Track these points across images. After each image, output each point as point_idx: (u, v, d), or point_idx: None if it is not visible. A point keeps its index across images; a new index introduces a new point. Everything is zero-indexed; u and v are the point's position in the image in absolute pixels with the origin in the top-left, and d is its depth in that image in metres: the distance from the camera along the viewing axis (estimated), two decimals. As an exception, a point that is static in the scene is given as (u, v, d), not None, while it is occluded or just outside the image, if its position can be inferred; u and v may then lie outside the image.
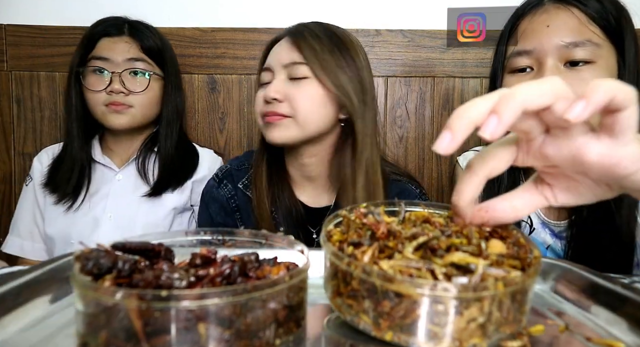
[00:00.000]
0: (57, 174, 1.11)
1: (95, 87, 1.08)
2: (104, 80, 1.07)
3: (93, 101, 1.09)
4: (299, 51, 0.90)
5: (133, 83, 1.09)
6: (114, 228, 1.09)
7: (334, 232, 0.41)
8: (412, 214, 0.44)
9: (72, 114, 1.11)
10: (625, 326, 0.39)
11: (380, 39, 1.32)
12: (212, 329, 0.31)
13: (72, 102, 1.11)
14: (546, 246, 0.92)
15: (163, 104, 1.15)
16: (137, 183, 1.13)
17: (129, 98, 1.09)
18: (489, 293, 0.32)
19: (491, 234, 0.39)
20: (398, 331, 0.33)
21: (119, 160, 1.16)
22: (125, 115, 1.09)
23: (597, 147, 0.35)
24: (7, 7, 1.33)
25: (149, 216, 1.12)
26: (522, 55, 0.85)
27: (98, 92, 1.08)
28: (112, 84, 1.07)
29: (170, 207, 1.13)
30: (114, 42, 1.09)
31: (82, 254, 0.35)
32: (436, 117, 1.34)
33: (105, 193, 1.12)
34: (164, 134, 1.15)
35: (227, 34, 1.33)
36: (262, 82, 0.96)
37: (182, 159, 1.16)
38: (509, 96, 0.33)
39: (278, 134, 0.91)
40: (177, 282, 0.32)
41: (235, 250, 0.44)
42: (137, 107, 1.10)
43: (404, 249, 0.35)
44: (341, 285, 0.36)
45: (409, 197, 0.98)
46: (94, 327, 0.32)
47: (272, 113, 0.90)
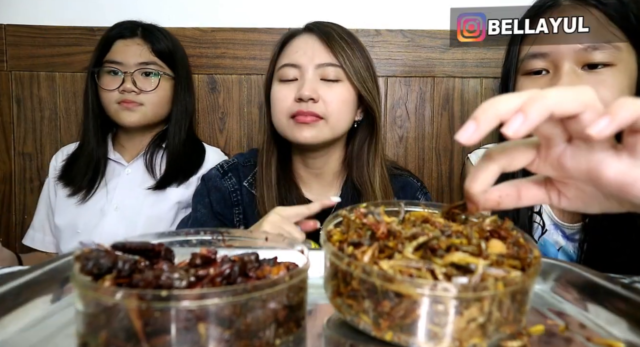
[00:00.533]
0: (73, 168, 1.17)
1: (109, 86, 1.14)
2: (118, 80, 1.13)
3: (107, 100, 1.15)
4: (332, 53, 0.93)
5: (144, 83, 1.15)
6: (119, 219, 1.15)
7: (334, 232, 0.41)
8: (411, 214, 0.44)
9: (89, 113, 1.17)
10: (625, 326, 0.39)
11: (380, 39, 1.32)
12: (212, 329, 0.31)
13: (89, 101, 1.17)
14: (558, 247, 0.91)
15: (173, 103, 1.20)
16: (145, 177, 1.18)
17: (140, 97, 1.14)
18: (489, 293, 0.32)
19: (491, 234, 0.39)
20: (398, 331, 0.33)
21: (128, 156, 1.22)
22: (136, 112, 1.15)
23: (616, 165, 0.35)
24: (7, 7, 1.33)
25: (153, 208, 1.16)
26: (537, 57, 0.82)
27: (111, 91, 1.14)
28: (125, 84, 1.13)
29: (174, 201, 1.17)
30: (127, 45, 1.15)
31: (82, 254, 0.35)
32: (436, 117, 1.34)
33: (114, 186, 1.18)
34: (172, 131, 1.19)
35: (227, 34, 1.33)
36: (284, 78, 0.95)
37: (189, 156, 1.21)
38: (540, 97, 0.33)
39: (310, 134, 0.92)
40: (177, 282, 0.32)
41: (235, 250, 0.44)
42: (148, 105, 1.16)
43: (404, 249, 0.35)
44: (341, 285, 0.36)
45: (411, 190, 1.04)
46: (94, 327, 0.32)
47: (308, 113, 0.91)
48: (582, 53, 0.78)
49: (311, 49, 0.93)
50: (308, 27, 0.97)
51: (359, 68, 0.94)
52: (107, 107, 1.16)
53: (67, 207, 1.17)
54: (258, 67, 1.33)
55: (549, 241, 0.92)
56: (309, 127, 0.92)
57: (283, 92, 0.94)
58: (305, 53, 0.93)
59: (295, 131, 0.92)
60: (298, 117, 0.91)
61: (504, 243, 0.38)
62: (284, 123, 0.94)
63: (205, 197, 1.00)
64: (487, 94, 1.32)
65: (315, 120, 0.91)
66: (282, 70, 0.95)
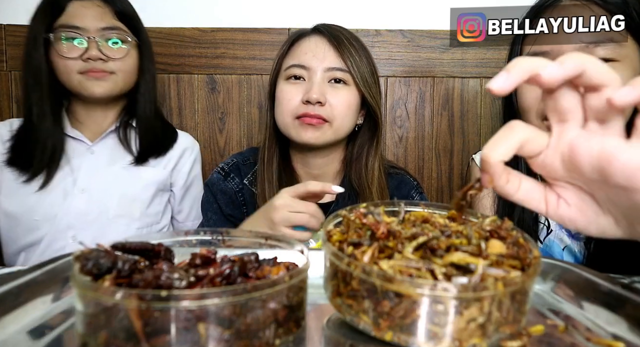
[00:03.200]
0: (24, 150, 1.04)
1: (68, 54, 1.00)
2: (78, 48, 1.01)
3: (67, 69, 1.02)
4: (342, 57, 0.94)
5: (111, 50, 1.04)
6: (87, 202, 1.05)
7: (334, 232, 0.41)
8: (411, 214, 0.44)
9: (40, 86, 1.02)
10: (625, 326, 0.39)
11: (380, 39, 1.32)
12: (212, 329, 0.31)
13: (41, 72, 1.02)
14: (563, 246, 0.91)
15: (140, 73, 1.11)
16: (114, 155, 1.10)
17: (110, 65, 1.03)
18: (488, 293, 0.32)
19: (491, 234, 0.39)
20: (398, 331, 0.33)
21: (90, 133, 1.11)
22: (106, 81, 1.04)
23: (628, 152, 0.35)
24: (7, 7, 1.33)
25: (127, 188, 1.08)
26: (539, 56, 0.83)
27: (72, 60, 1.01)
28: (89, 51, 1.00)
29: (148, 180, 1.10)
30: (85, 7, 1.02)
31: (82, 254, 0.35)
32: (436, 117, 1.34)
33: (77, 166, 1.07)
34: (142, 102, 1.10)
35: (226, 34, 1.33)
36: (291, 75, 0.96)
37: (160, 130, 1.14)
38: (576, 55, 0.35)
39: (314, 135, 0.93)
40: (176, 283, 0.32)
41: (235, 250, 0.44)
42: (119, 74, 1.05)
43: (404, 249, 0.35)
44: (341, 285, 0.36)
45: (406, 187, 1.05)
46: (94, 328, 0.32)
47: (315, 116, 0.92)
48: (584, 50, 0.77)
49: (321, 52, 0.94)
50: (318, 29, 0.98)
51: (365, 73, 0.96)
52: (66, 77, 1.02)
53: (18, 191, 1.03)
54: (258, 67, 1.33)
55: (554, 241, 0.92)
56: (314, 128, 0.93)
57: (290, 92, 0.95)
58: (315, 55, 0.94)
59: (300, 131, 0.94)
60: (304, 119, 0.93)
61: (503, 243, 0.38)
62: (289, 122, 0.95)
63: (213, 204, 1.01)
64: (487, 94, 1.32)
65: (320, 123, 0.93)
66: (289, 70, 0.96)
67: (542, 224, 0.91)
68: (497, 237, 0.39)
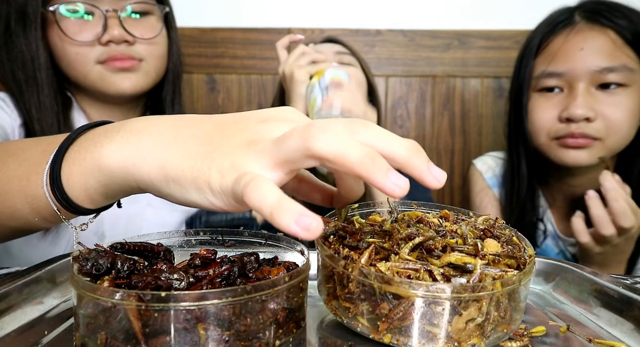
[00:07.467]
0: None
1: (81, 37, 0.71)
2: (94, 26, 0.72)
3: (80, 58, 0.73)
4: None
5: (137, 27, 0.75)
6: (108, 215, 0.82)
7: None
8: (405, 214, 0.44)
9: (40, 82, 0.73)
10: (627, 327, 0.39)
11: (381, 39, 1.32)
12: (212, 330, 0.30)
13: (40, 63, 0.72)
14: (557, 250, 0.92)
15: (168, 58, 0.84)
16: None
17: (137, 48, 0.75)
18: (487, 293, 0.32)
19: (484, 233, 0.39)
20: (397, 333, 0.33)
21: None
22: (135, 73, 0.76)
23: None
24: (7, 7, 1.33)
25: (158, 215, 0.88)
26: (553, 76, 0.83)
27: (87, 45, 0.72)
28: (110, 30, 0.72)
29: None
30: None
31: (81, 254, 0.35)
32: (437, 116, 1.34)
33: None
34: (168, 100, 0.83)
35: (226, 34, 1.33)
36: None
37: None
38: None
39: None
40: (176, 283, 0.32)
41: (235, 250, 0.44)
42: (150, 60, 0.77)
43: (400, 250, 0.35)
44: (337, 288, 0.36)
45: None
46: (93, 328, 0.31)
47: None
48: (597, 74, 0.79)
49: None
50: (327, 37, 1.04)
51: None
52: (81, 70, 0.74)
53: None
54: (257, 66, 1.33)
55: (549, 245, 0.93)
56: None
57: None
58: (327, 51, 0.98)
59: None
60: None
61: (497, 242, 0.38)
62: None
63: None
64: (487, 93, 1.32)
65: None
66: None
67: (540, 231, 0.92)
68: (491, 236, 0.39)
